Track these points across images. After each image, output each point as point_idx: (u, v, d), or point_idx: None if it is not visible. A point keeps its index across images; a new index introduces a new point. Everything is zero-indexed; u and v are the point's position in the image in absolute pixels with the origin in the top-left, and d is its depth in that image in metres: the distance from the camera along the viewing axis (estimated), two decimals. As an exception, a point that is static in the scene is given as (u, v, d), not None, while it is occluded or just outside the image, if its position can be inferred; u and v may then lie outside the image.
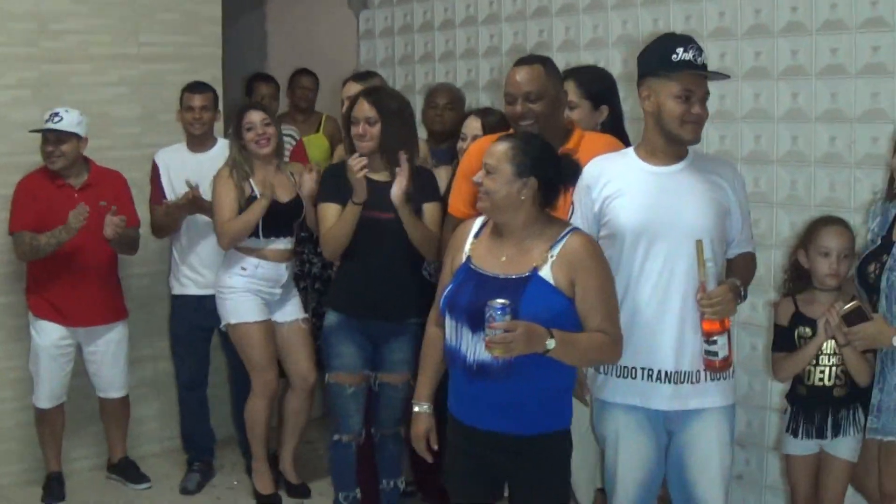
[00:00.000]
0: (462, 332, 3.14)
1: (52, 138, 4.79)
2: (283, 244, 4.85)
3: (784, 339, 3.78)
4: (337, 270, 4.64)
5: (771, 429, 4.41)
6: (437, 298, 3.40)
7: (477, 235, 3.30)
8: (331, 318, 4.49)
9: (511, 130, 3.78)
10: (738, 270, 3.44)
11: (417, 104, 5.68)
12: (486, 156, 3.20)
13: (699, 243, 3.24)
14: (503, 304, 2.94)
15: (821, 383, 3.69)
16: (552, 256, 3.12)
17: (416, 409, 3.46)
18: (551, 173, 3.18)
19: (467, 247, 3.29)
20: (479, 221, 3.35)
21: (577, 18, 5.06)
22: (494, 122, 4.44)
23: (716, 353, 3.25)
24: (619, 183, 3.36)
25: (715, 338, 3.24)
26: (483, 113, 4.68)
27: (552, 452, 3.22)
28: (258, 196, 4.71)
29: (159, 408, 5.71)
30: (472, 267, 3.21)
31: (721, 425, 3.37)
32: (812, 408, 3.75)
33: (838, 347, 3.63)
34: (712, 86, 3.36)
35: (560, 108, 3.83)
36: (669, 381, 3.31)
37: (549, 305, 3.07)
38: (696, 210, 3.30)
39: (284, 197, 4.80)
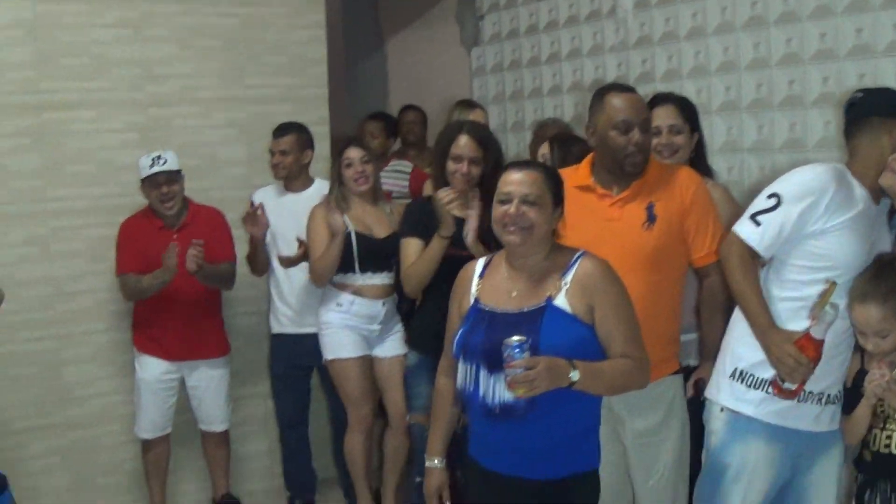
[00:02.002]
0: (479, 374, 2.99)
1: (164, 180, 4.89)
2: (379, 279, 4.81)
3: (849, 401, 3.37)
4: (417, 309, 4.58)
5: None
6: (445, 347, 3.26)
7: (481, 276, 3.15)
8: (411, 358, 4.46)
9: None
10: None
11: (527, 140, 5.64)
12: (517, 184, 3.01)
13: (832, 285, 3.11)
14: (520, 340, 2.79)
15: (886, 450, 3.22)
16: (566, 284, 2.97)
17: (427, 464, 3.31)
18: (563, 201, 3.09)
19: (473, 289, 3.14)
20: (481, 262, 3.20)
21: (679, 46, 4.89)
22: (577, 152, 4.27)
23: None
24: (847, 209, 3.18)
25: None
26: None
27: (581, 495, 3.06)
28: (350, 231, 4.71)
29: (267, 445, 5.75)
30: (482, 307, 3.07)
31: (840, 454, 3.37)
32: (878, 477, 3.27)
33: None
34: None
35: None
36: (829, 403, 3.30)
37: (568, 335, 2.93)
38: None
39: (381, 233, 4.78)
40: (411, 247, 4.34)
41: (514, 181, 3.02)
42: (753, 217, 3.26)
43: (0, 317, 4.91)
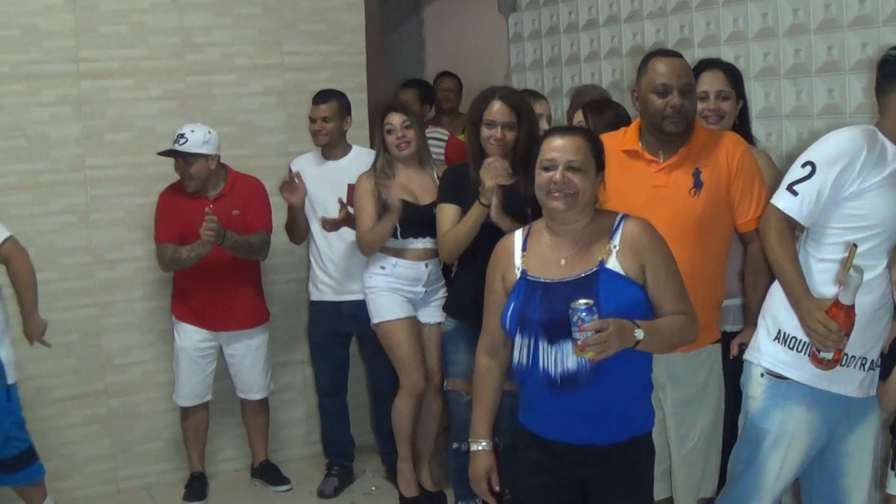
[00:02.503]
0: (538, 347, 2.94)
1: (180, 160, 4.91)
2: (421, 244, 4.79)
3: (886, 367, 3.36)
4: (454, 276, 4.58)
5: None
6: (485, 325, 3.20)
7: (524, 248, 3.09)
8: (448, 324, 4.45)
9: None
10: None
11: (565, 107, 5.60)
12: (561, 150, 2.97)
13: (853, 248, 3.07)
14: (588, 303, 2.76)
15: None
16: (615, 247, 2.95)
17: (473, 447, 3.22)
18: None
19: (518, 261, 3.07)
20: (519, 235, 3.15)
21: (717, 12, 4.83)
22: (611, 118, 4.22)
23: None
24: (886, 168, 3.17)
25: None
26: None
27: (639, 457, 3.07)
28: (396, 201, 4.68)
29: (306, 412, 5.79)
30: (532, 278, 3.02)
31: (878, 426, 3.37)
32: None
33: None
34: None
35: None
36: (871, 368, 3.29)
37: (625, 296, 2.91)
38: None
39: (427, 198, 4.75)
40: (447, 213, 4.32)
41: (558, 147, 2.99)
42: (790, 187, 3.25)
43: (41, 285, 4.95)
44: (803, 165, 3.23)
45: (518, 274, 3.06)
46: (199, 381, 5.17)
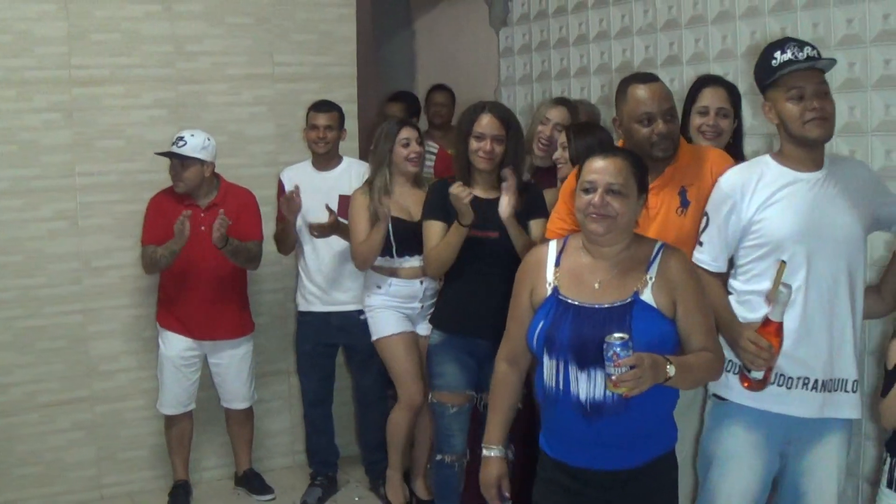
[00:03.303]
0: (567, 370, 2.90)
1: (176, 163, 4.92)
2: (417, 261, 4.78)
3: (890, 384, 3.26)
4: (441, 289, 4.60)
5: (866, 459, 4.10)
6: (508, 332, 3.19)
7: (557, 263, 3.07)
8: (434, 337, 4.47)
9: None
10: None
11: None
12: (601, 172, 2.95)
13: (783, 265, 3.11)
14: (623, 338, 2.71)
15: None
16: (651, 278, 2.93)
17: (486, 452, 3.22)
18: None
19: (550, 276, 3.04)
20: (553, 248, 3.11)
21: (706, 30, 4.86)
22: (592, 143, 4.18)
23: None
24: (767, 190, 3.23)
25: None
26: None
27: (663, 476, 3.05)
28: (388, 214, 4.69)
29: (291, 421, 5.80)
30: (563, 298, 2.97)
31: (842, 446, 3.29)
32: None
33: None
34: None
35: None
36: (823, 390, 3.21)
37: (657, 330, 2.88)
38: (848, 218, 3.22)
39: (419, 215, 4.74)
40: (433, 229, 4.35)
41: (599, 169, 2.96)
42: (699, 240, 3.37)
43: (28, 290, 5.01)
44: (703, 216, 3.36)
45: (549, 290, 3.02)
46: (183, 389, 5.17)
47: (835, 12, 4.24)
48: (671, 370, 2.79)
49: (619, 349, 2.69)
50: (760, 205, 3.22)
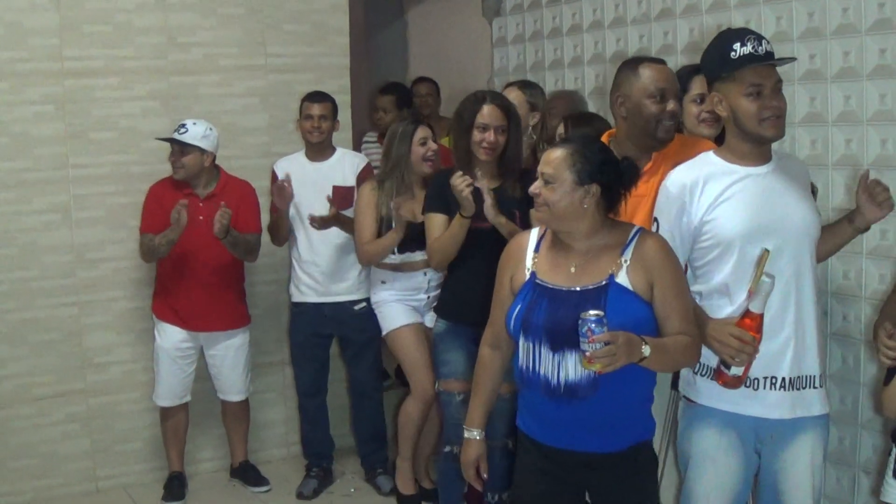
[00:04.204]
0: (539, 352, 2.95)
1: (176, 149, 4.92)
2: (419, 256, 4.80)
3: (892, 374, 3.17)
4: (444, 279, 4.60)
5: (863, 448, 4.12)
6: (492, 317, 3.25)
7: (536, 249, 3.12)
8: (439, 326, 4.47)
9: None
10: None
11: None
12: (542, 164, 3.05)
13: (765, 253, 3.05)
14: (598, 315, 2.72)
15: None
16: (626, 261, 2.96)
17: (466, 434, 3.31)
18: (613, 177, 3.03)
19: (528, 262, 3.11)
20: (534, 234, 3.18)
21: (701, 19, 4.86)
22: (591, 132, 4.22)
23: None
24: (716, 188, 3.17)
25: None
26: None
27: (640, 465, 3.08)
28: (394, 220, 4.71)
29: (286, 413, 5.79)
30: (540, 282, 3.03)
31: (816, 443, 3.22)
32: None
33: None
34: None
35: None
36: (791, 388, 3.15)
37: (632, 312, 2.91)
38: (803, 209, 3.18)
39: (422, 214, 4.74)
40: (435, 222, 4.35)
41: (543, 159, 3.06)
42: None
43: (22, 283, 4.99)
44: (653, 221, 3.30)
45: (527, 275, 3.08)
46: (178, 381, 5.16)
47: (797, 6, 4.30)
48: (646, 350, 2.82)
49: (593, 325, 2.71)
50: (710, 204, 3.17)
